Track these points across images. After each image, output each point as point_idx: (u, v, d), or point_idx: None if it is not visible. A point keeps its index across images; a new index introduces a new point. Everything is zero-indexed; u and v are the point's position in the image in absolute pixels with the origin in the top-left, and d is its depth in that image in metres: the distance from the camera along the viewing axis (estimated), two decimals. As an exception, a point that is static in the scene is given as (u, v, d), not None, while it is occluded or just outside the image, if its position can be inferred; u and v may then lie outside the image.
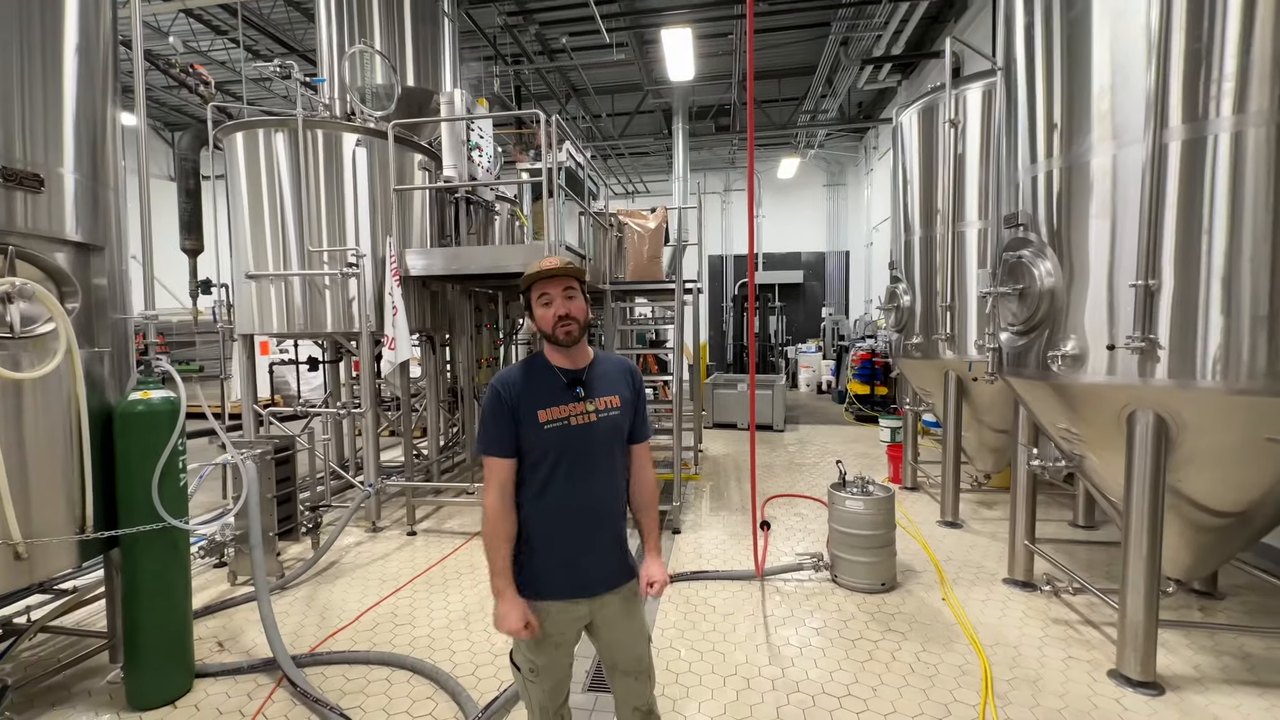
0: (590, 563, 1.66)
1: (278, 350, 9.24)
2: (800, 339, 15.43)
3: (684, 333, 5.52)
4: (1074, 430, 2.90)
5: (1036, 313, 2.83)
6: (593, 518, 1.66)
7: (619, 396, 1.71)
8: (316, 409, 5.24)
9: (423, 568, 4.02)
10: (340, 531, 4.16)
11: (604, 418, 1.67)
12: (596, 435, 1.65)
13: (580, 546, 1.65)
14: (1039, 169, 2.85)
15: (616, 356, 1.85)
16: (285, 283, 4.66)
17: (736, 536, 4.51)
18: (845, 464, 3.86)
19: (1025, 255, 2.88)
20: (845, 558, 3.59)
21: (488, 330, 6.51)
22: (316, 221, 4.65)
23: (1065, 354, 2.70)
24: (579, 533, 1.65)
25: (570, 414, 1.63)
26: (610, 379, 1.73)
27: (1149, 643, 2.65)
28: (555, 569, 1.65)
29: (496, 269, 4.73)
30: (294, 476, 4.14)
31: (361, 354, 4.73)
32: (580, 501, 1.64)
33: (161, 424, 2.52)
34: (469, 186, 5.35)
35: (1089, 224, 2.64)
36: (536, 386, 1.66)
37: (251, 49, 9.53)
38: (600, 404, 1.67)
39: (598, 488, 1.66)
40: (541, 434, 1.61)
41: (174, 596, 2.62)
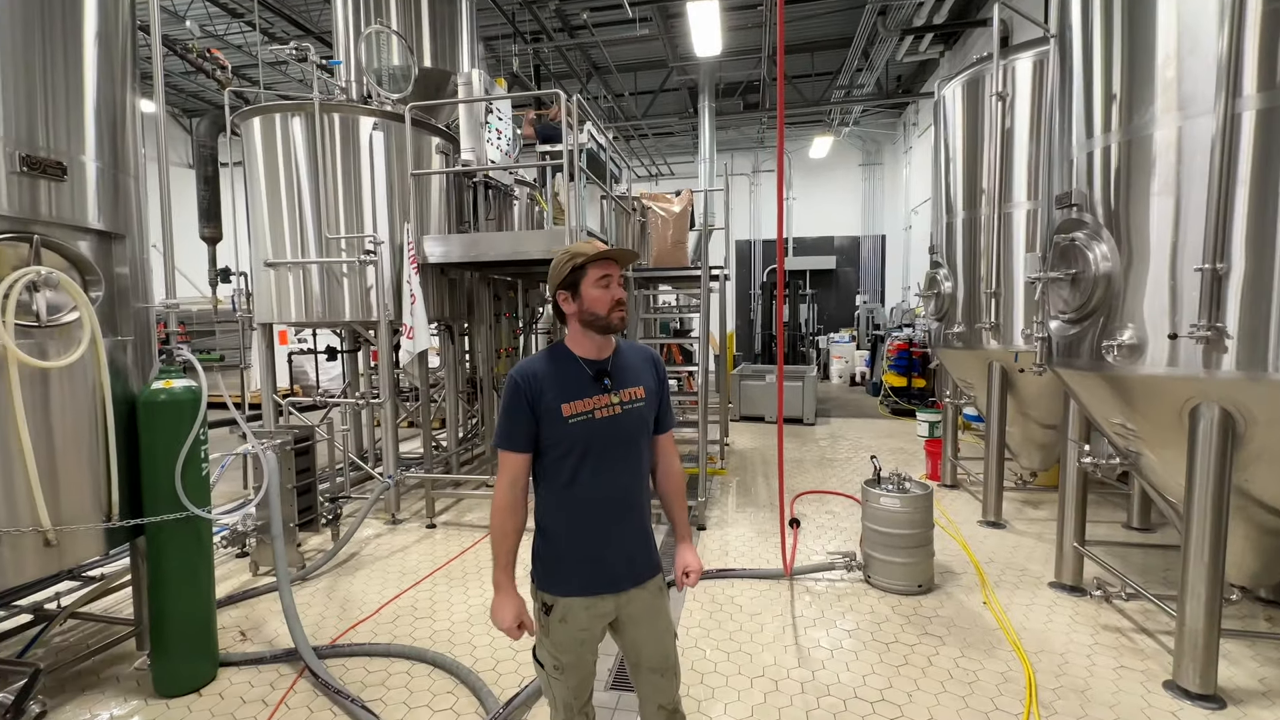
0: (616, 557, 1.67)
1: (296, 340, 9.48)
2: (833, 328, 15.27)
3: (710, 322, 5.49)
4: (1130, 425, 2.82)
5: (1090, 299, 2.74)
6: (619, 511, 1.66)
7: (644, 387, 1.71)
8: (335, 399, 5.36)
9: (442, 561, 4.10)
10: (360, 523, 4.27)
11: (629, 410, 1.67)
12: (622, 428, 1.65)
13: (606, 541, 1.66)
14: (1095, 144, 2.75)
15: (639, 345, 1.84)
16: (303, 271, 4.76)
17: (764, 534, 4.51)
18: (880, 460, 3.82)
19: (1079, 238, 2.79)
20: (880, 558, 3.56)
21: (507, 319, 6.57)
22: (334, 208, 4.72)
23: (1122, 343, 2.61)
24: (605, 527, 1.65)
25: (595, 407, 1.63)
26: (635, 369, 1.73)
27: (1209, 653, 2.57)
28: (580, 564, 1.66)
29: (516, 256, 4.76)
30: (314, 467, 4.25)
31: (380, 343, 4.81)
32: (606, 495, 1.64)
33: (184, 413, 2.61)
34: (487, 170, 5.38)
35: (1150, 203, 2.54)
36: (560, 378, 1.65)
37: (267, 31, 9.69)
38: (626, 395, 1.67)
39: (624, 481, 1.66)
40: (566, 428, 1.61)
41: (198, 585, 2.73)
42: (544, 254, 4.64)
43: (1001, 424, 4.63)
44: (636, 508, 1.70)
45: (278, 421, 5.11)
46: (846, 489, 5.52)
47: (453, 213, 5.40)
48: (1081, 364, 2.84)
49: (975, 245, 4.61)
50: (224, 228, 5.98)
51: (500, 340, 6.41)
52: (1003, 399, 4.61)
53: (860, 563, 3.68)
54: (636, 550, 1.71)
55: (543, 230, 5.40)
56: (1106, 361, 2.68)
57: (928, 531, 3.57)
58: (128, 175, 2.66)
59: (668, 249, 6.52)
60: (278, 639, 3.12)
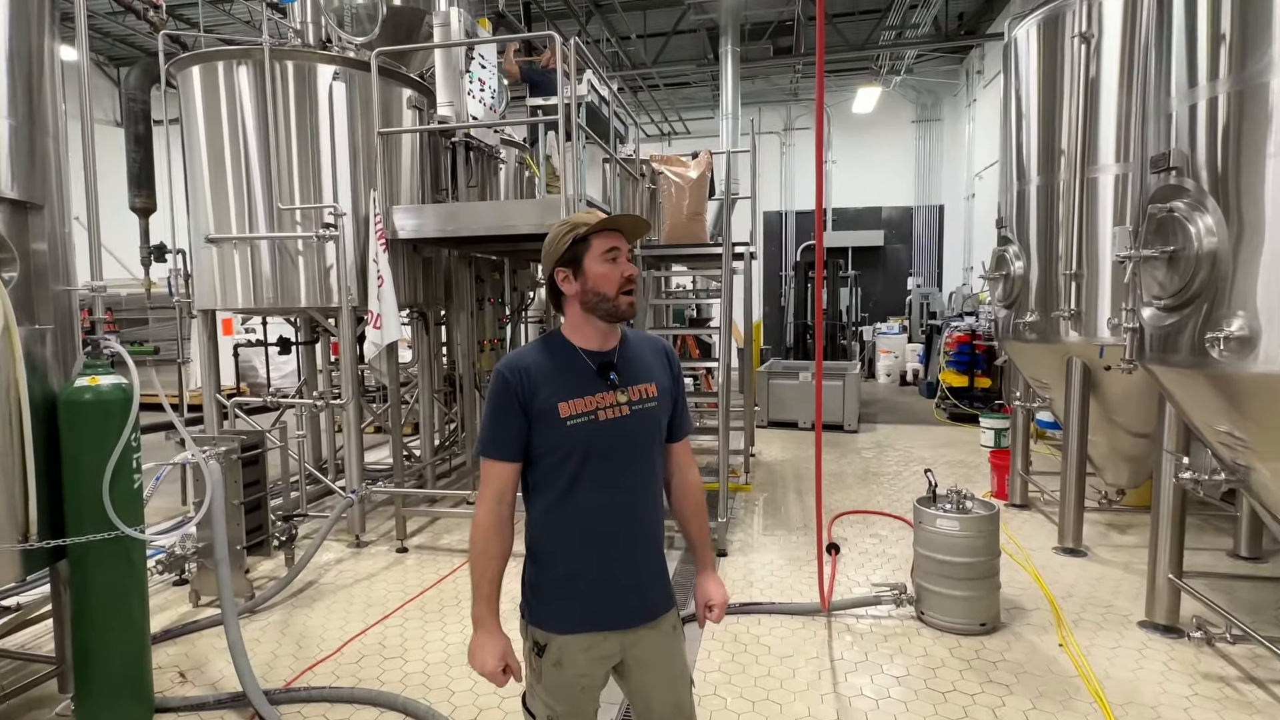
0: (622, 588, 1.66)
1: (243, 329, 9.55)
2: (879, 317, 15.25)
3: (733, 309, 5.48)
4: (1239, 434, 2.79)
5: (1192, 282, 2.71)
6: (626, 532, 1.66)
7: (656, 384, 1.69)
8: (289, 400, 5.40)
9: (415, 591, 4.13)
10: (318, 546, 4.30)
11: (639, 410, 1.65)
12: (631, 432, 1.64)
13: (610, 568, 1.65)
14: (1199, 95, 2.72)
15: (648, 335, 1.82)
16: (251, 248, 4.79)
17: (796, 561, 4.51)
18: (936, 474, 3.82)
19: (1178, 208, 2.76)
20: (935, 590, 3.56)
21: (491, 305, 6.59)
22: (287, 173, 4.75)
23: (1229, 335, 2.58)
24: (608, 552, 1.65)
25: (599, 406, 1.61)
26: (644, 362, 1.71)
27: (1333, 707, 2.54)
28: (579, 596, 1.65)
29: (502, 230, 4.77)
30: (264, 480, 4.29)
31: (341, 334, 4.84)
32: (610, 512, 1.63)
33: (113, 415, 2.64)
34: (468, 128, 5.39)
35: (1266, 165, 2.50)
36: (556, 372, 1.63)
37: (208, -36, 9.73)
38: (635, 393, 1.65)
39: (632, 495, 1.65)
40: (563, 432, 1.59)
41: (130, 617, 2.76)
42: (535, 228, 4.64)
43: (1082, 432, 4.60)
44: (647, 528, 1.69)
45: (222, 426, 5.15)
46: (895, 508, 5.51)
47: (428, 179, 5.42)
48: (1180, 360, 2.81)
49: (1052, 217, 4.58)
50: (158, 197, 6.02)
51: (484, 330, 6.43)
52: (1084, 402, 4.58)
53: (912, 596, 3.68)
54: (647, 580, 1.70)
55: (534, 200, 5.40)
56: (1211, 357, 2.65)
57: (993, 560, 3.56)
58: (46, 134, 2.69)
59: (682, 222, 6.52)
60: (223, 681, 3.15)
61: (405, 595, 4.08)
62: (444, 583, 4.26)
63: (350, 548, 4.87)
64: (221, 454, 3.81)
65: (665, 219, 6.64)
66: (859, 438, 8.38)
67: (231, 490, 3.92)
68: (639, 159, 6.89)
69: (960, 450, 7.62)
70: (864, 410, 9.86)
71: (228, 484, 3.80)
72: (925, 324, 13.21)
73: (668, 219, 6.58)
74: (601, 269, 1.61)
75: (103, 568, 2.68)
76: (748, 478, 6.55)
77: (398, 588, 4.19)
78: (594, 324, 1.65)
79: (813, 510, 5.55)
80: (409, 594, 4.09)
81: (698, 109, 16.20)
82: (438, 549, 4.87)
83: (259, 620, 3.78)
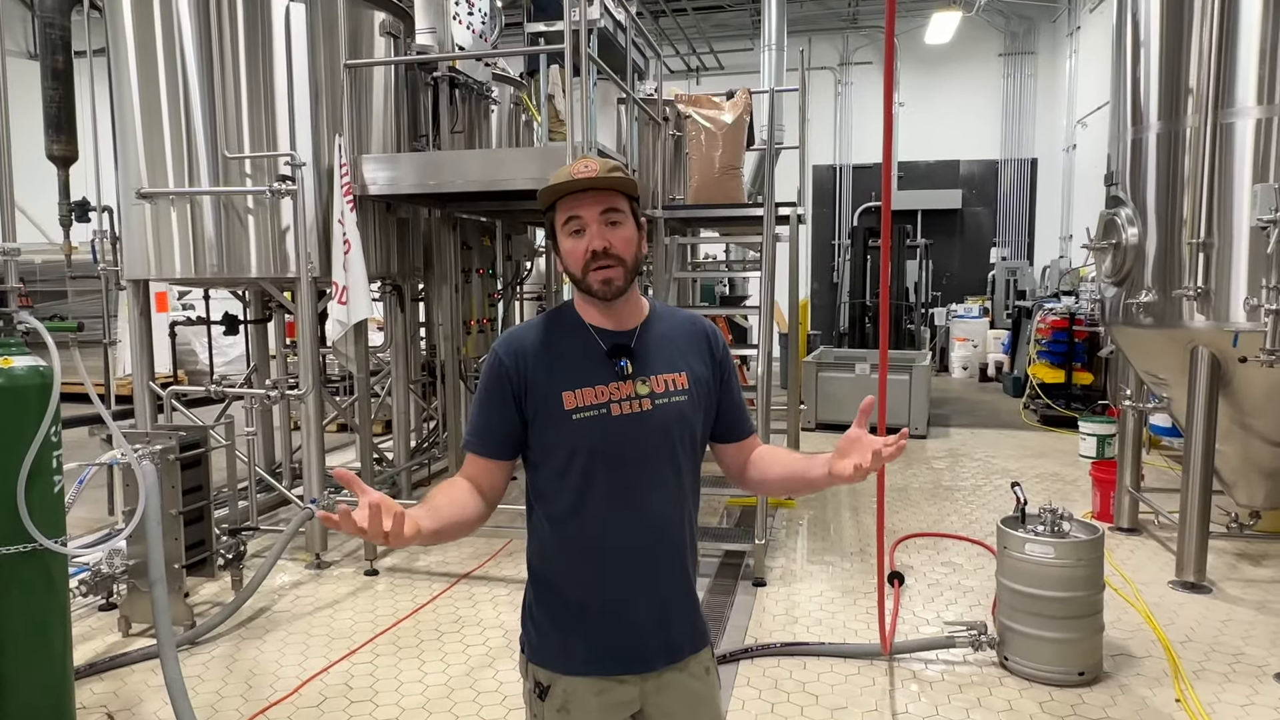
0: (642, 621, 1.66)
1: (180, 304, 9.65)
2: (954, 296, 15.15)
3: (775, 285, 5.46)
4: None
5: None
6: (645, 556, 1.65)
7: (687, 373, 1.68)
8: (236, 390, 5.45)
9: (387, 622, 4.16)
10: (272, 566, 4.35)
11: (663, 405, 1.65)
12: (650, 431, 1.63)
13: (627, 596, 1.65)
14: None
15: (686, 313, 1.81)
16: (191, 205, 4.82)
17: (850, 594, 4.51)
18: (1025, 489, 3.79)
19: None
20: (1022, 631, 3.55)
21: (480, 278, 6.61)
22: (235, 115, 4.77)
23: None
24: (626, 575, 1.64)
25: (612, 398, 1.62)
26: (674, 347, 1.70)
27: None
28: (588, 632, 1.65)
29: (494, 185, 4.77)
30: (207, 486, 4.34)
31: (299, 311, 4.87)
32: (625, 531, 1.63)
33: (28, 404, 2.67)
34: (454, 60, 5.39)
35: None
36: (561, 355, 1.64)
37: None
38: (658, 384, 1.65)
39: (652, 510, 1.64)
40: (568, 428, 1.60)
41: (48, 647, 2.81)
42: (534, 183, 4.56)
43: (1209, 440, 4.54)
44: (672, 550, 1.69)
45: (156, 420, 5.21)
46: (973, 531, 5.49)
47: (404, 123, 5.42)
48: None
49: (1176, 173, 4.52)
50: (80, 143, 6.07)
51: (470, 308, 6.46)
52: (1211, 403, 4.52)
53: (993, 638, 3.67)
54: (674, 612, 1.69)
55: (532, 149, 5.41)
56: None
57: (1094, 595, 3.54)
58: (-52, 65, 2.71)
59: (713, 177, 6.49)
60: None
61: (375, 627, 4.10)
62: (422, 612, 4.29)
63: (310, 569, 4.91)
64: (157, 454, 3.85)
65: (693, 173, 6.61)
66: (928, 444, 8.32)
67: (168, 498, 3.96)
68: (661, 99, 6.85)
69: (1054, 461, 7.55)
70: (935, 411, 9.79)
71: (164, 490, 3.85)
72: (1012, 305, 13.08)
73: (696, 173, 6.55)
74: (565, 244, 1.63)
75: (17, 587, 2.72)
76: (791, 491, 6.53)
77: (366, 617, 4.22)
78: (590, 300, 1.67)
79: (871, 531, 5.52)
80: (380, 625, 4.12)
81: (733, 38, 16.06)
82: (414, 572, 4.91)
83: (201, 653, 3.82)
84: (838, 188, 16.08)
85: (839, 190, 16.08)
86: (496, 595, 4.51)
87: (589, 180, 1.58)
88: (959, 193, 15.46)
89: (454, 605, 4.38)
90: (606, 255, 1.59)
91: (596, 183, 1.58)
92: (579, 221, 1.60)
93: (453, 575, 4.80)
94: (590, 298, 1.65)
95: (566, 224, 1.62)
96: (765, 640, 3.90)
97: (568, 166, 1.63)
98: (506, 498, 1.78)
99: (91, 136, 5.90)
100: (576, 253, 1.61)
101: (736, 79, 15.69)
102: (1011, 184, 15.40)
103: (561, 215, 1.62)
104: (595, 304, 1.67)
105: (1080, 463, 7.32)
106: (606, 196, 1.61)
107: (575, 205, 1.60)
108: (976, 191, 15.59)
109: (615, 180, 1.59)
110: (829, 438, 8.59)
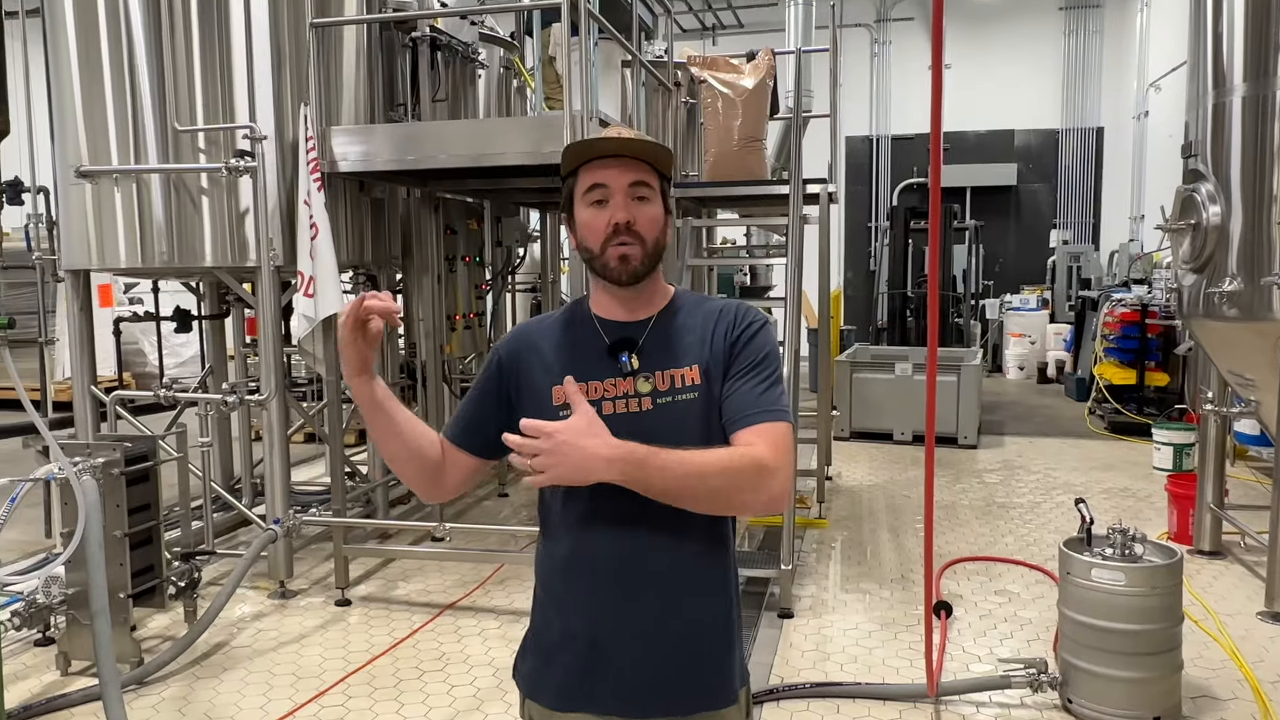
0: (637, 659, 1.63)
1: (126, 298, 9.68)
2: (1009, 286, 15.10)
3: (802, 274, 5.43)
4: None
5: None
6: (650, 586, 1.63)
7: (699, 366, 1.65)
8: (189, 395, 5.45)
9: (361, 659, 4.15)
10: (230, 595, 4.35)
11: (665, 405, 1.62)
12: (645, 434, 1.55)
13: (611, 624, 1.63)
14: None
15: (711, 300, 1.80)
16: (138, 185, 4.83)
17: (890, 626, 4.50)
18: (1091, 506, 3.77)
19: None
20: (1088, 669, 3.52)
21: (467, 266, 6.61)
22: (187, 83, 4.77)
23: None
24: (612, 598, 1.62)
25: (604, 395, 1.61)
26: (691, 336, 1.68)
27: None
28: (563, 651, 1.65)
29: (482, 160, 4.76)
30: (157, 504, 4.34)
31: (261, 305, 4.87)
32: (620, 552, 1.61)
33: (-49, 413, 2.67)
34: (435, 18, 5.38)
35: None
36: (561, 349, 1.69)
37: None
38: (662, 381, 1.63)
39: (653, 529, 1.60)
40: None
41: (-24, 689, 2.81)
42: (528, 158, 4.62)
43: (1303, 449, 4.51)
44: (687, 577, 1.65)
45: (99, 429, 5.22)
46: (1031, 554, 5.47)
47: (379, 90, 5.42)
48: None
49: (1265, 143, 4.49)
50: (11, 115, 6.10)
51: (456, 300, 6.46)
52: (1306, 406, 4.49)
53: (1055, 677, 3.64)
54: (680, 652, 1.64)
55: (526, 119, 5.40)
56: None
57: (1171, 628, 3.51)
58: None
59: (732, 151, 6.46)
60: (101, 777, 3.21)
61: (348, 664, 4.10)
62: (401, 648, 4.28)
63: (273, 598, 4.91)
64: (99, 468, 3.86)
65: (708, 146, 6.57)
66: (979, 455, 8.28)
67: (112, 518, 3.96)
68: (672, 62, 6.83)
69: (1124, 474, 7.52)
70: (986, 417, 9.76)
71: (107, 509, 3.85)
72: (1075, 296, 13.02)
73: (712, 146, 6.51)
74: (584, 215, 1.64)
75: (-60, 620, 2.73)
76: (822, 509, 6.51)
77: (337, 654, 4.21)
78: (604, 286, 1.69)
79: (911, 555, 5.52)
80: (353, 663, 4.11)
81: (754, -7, 16.04)
82: (391, 601, 4.90)
83: (150, 694, 3.81)
84: (874, 162, 16.04)
85: (875, 165, 16.04)
86: (486, 629, 4.50)
87: (623, 143, 1.61)
88: (1014, 167, 15.40)
89: (437, 640, 4.37)
90: (629, 231, 1.59)
91: (630, 147, 1.60)
92: (603, 191, 1.60)
93: (435, 606, 4.79)
94: (603, 282, 1.67)
95: (589, 192, 1.62)
96: (793, 680, 3.88)
97: (594, 138, 1.67)
98: (495, 517, 1.79)
99: (24, 108, 5.92)
100: (596, 225, 1.61)
101: (758, 39, 15.65)
102: (1074, 157, 15.33)
103: (584, 182, 1.63)
104: (608, 290, 1.69)
105: (1154, 476, 7.29)
106: (637, 168, 1.62)
107: (602, 172, 1.61)
108: (1034, 166, 15.53)
109: (651, 149, 1.62)
110: (866, 448, 8.57)
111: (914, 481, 7.33)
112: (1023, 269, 15.35)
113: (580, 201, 1.64)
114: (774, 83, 6.71)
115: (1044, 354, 13.17)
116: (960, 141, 15.46)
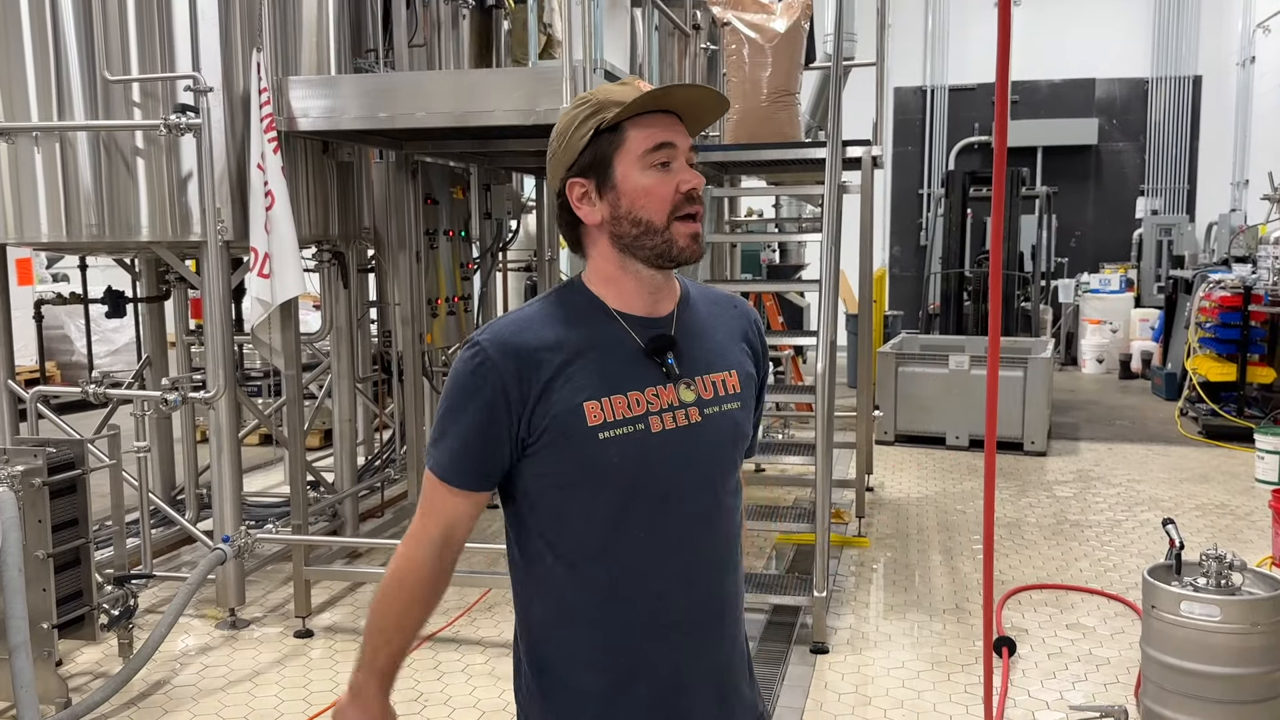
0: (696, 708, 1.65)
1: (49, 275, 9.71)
2: (1086, 264, 15.11)
3: (840, 251, 5.43)
4: None
5: None
6: (699, 622, 1.64)
7: (737, 371, 1.67)
8: (123, 390, 5.48)
9: (325, 699, 4.16)
10: (171, 625, 4.38)
11: (713, 415, 1.61)
12: (703, 451, 1.60)
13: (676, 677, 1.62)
14: None
15: (719, 292, 1.81)
16: (62, 145, 4.84)
17: (941, 665, 4.50)
18: (1180, 527, 3.77)
19: None
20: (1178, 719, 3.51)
21: (450, 242, 6.62)
22: (119, 26, 4.77)
23: None
24: (673, 651, 1.62)
25: (650, 408, 1.56)
26: (721, 334, 1.69)
27: None
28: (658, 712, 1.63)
29: (467, 119, 4.76)
30: (86, 519, 4.36)
31: (206, 286, 4.89)
32: (673, 590, 1.60)
33: None
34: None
35: None
36: (580, 352, 1.55)
37: None
38: (705, 388, 1.61)
39: (706, 560, 1.63)
40: (592, 449, 1.52)
41: (-121, 731, 2.84)
42: (521, 115, 4.62)
43: None
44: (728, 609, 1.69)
45: (18, 431, 5.25)
46: (1109, 583, 5.46)
47: (344, 34, 5.42)
48: None
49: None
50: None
51: (438, 283, 6.47)
52: None
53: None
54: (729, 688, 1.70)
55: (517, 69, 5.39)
56: None
57: (1275, 672, 3.51)
58: None
59: (760, 107, 6.45)
60: (23, 835, 3.24)
61: (309, 705, 4.11)
62: (370, 687, 4.32)
63: (222, 628, 4.94)
64: (17, 477, 3.88)
65: (733, 101, 6.57)
66: (1049, 464, 8.26)
67: (34, 536, 3.98)
68: (690, 1, 6.83)
69: (1222, 487, 7.49)
70: (1058, 419, 9.75)
71: (27, 525, 3.88)
72: (1165, 277, 12.97)
73: (737, 101, 6.50)
74: (644, 180, 1.54)
75: None
76: (862, 526, 6.51)
77: (297, 694, 4.23)
78: (635, 272, 1.60)
79: (968, 581, 5.52)
80: (315, 703, 4.13)
81: (787, -82, 16.02)
82: (360, 632, 4.88)
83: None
84: (928, 118, 15.99)
85: (929, 122, 16.00)
86: (470, 664, 4.52)
87: (705, 93, 1.59)
88: (1094, 123, 15.34)
89: (413, 677, 4.37)
90: (694, 201, 1.56)
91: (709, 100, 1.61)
92: (670, 151, 1.55)
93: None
94: (635, 266, 1.59)
95: (654, 151, 1.54)
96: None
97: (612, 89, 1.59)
98: (483, 533, 1.78)
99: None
100: (663, 192, 1.54)
101: (791, -28, 15.70)
102: (1166, 111, 15.26)
103: (643, 140, 1.54)
104: (631, 279, 1.61)
105: (1257, 490, 7.28)
106: (700, 124, 1.64)
107: (667, 130, 1.56)
108: (1118, 122, 15.47)
109: (711, 99, 1.61)
110: (914, 454, 8.56)
111: (971, 494, 7.34)
112: (1103, 244, 15.33)
113: (640, 163, 1.54)
114: (810, 25, 6.69)
115: (1127, 345, 13.14)
116: (1031, 93, 15.43)
